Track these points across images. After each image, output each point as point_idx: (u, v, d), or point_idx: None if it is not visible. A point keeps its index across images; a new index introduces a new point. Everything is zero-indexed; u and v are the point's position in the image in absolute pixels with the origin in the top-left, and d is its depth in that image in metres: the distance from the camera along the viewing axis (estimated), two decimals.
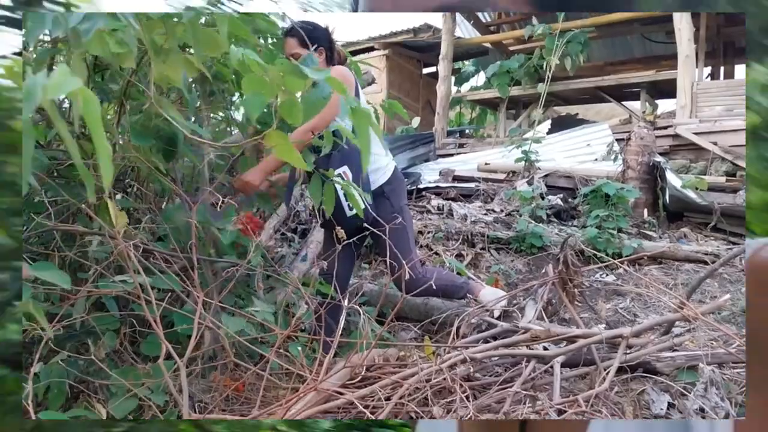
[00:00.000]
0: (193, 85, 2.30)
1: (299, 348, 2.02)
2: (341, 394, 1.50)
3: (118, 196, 2.31)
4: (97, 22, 1.18)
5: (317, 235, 3.69)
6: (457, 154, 7.27)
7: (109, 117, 2.30)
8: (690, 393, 1.84)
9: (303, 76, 1.21)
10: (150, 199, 2.43)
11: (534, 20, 7.46)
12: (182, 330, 1.75)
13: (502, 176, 5.53)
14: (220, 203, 1.86)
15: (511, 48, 9.19)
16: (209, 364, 1.78)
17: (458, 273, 3.20)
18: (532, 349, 2.07)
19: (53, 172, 2.06)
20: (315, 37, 2.44)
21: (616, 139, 5.93)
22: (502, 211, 4.46)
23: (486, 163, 5.87)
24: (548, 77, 5.39)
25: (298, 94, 1.28)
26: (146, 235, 2.16)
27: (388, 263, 1.95)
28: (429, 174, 5.96)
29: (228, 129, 3.84)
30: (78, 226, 1.79)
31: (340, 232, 1.89)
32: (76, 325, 1.67)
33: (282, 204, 3.93)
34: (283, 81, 1.23)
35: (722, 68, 9.03)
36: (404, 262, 2.01)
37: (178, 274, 1.91)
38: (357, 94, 2.41)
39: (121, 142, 2.07)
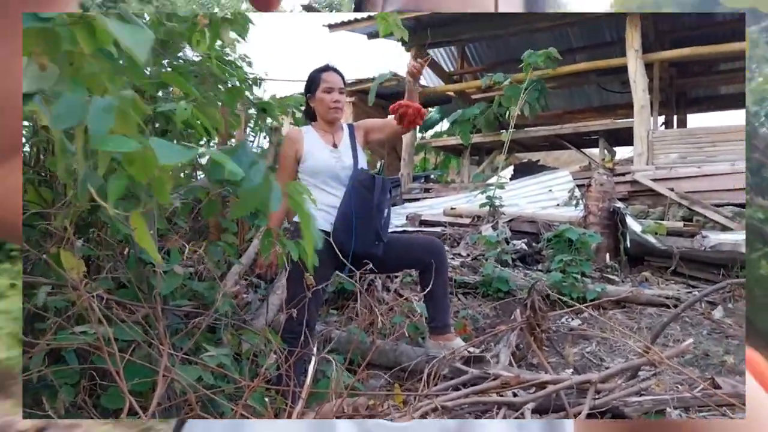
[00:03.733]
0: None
1: (266, 399, 1.97)
2: None
3: (79, 242, 2.25)
4: None
5: (284, 280, 3.64)
6: (423, 198, 7.34)
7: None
8: None
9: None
10: (111, 245, 2.37)
11: (488, 74, 7.70)
12: (140, 382, 1.70)
13: (467, 221, 5.60)
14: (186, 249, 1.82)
15: (474, 96, 9.44)
16: (174, 418, 1.71)
17: (426, 319, 3.18)
18: (502, 395, 2.06)
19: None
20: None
21: (577, 185, 6.08)
22: (468, 255, 4.49)
23: (452, 208, 5.94)
24: (511, 124, 5.54)
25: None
26: (108, 283, 2.10)
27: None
28: (396, 218, 5.99)
29: (192, 174, 3.81)
30: (39, 277, 1.74)
31: (309, 279, 1.87)
32: (33, 378, 1.60)
33: (248, 250, 3.89)
34: (156, 159, 0.97)
35: (675, 117, 9.43)
36: None
37: (139, 323, 1.86)
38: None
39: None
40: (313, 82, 2.60)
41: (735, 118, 11.59)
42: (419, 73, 2.56)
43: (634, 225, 4.48)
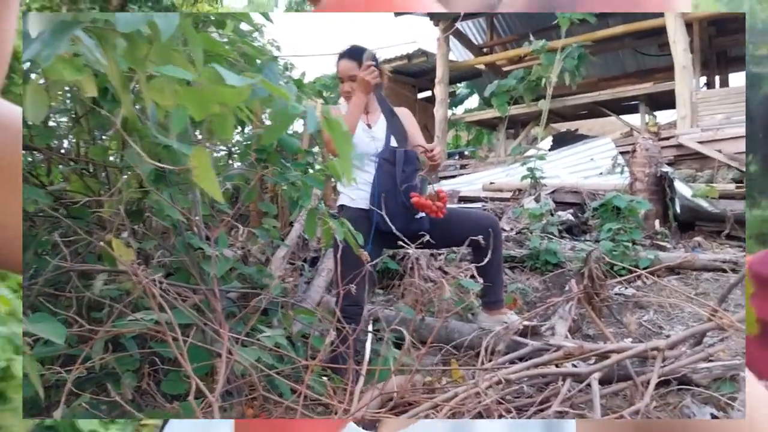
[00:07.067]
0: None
1: (325, 378, 1.95)
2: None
3: (125, 234, 2.26)
4: (57, 45, 0.87)
5: (328, 262, 3.63)
6: (460, 175, 7.25)
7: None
8: (735, 403, 1.77)
9: (220, 78, 0.92)
10: (158, 233, 2.37)
11: (531, 38, 7.48)
12: (201, 365, 1.69)
13: (508, 195, 5.50)
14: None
15: (505, 69, 9.25)
16: (236, 400, 1.71)
17: (474, 294, 3.13)
18: (560, 366, 2.00)
19: (57, 210, 2.01)
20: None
21: (620, 153, 5.92)
22: (512, 229, 4.41)
23: (491, 183, 5.84)
24: (549, 93, 5.39)
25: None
26: (159, 270, 2.10)
27: None
28: None
29: (230, 162, 3.82)
30: (97, 266, 1.74)
31: (365, 255, 1.84)
32: (96, 366, 1.61)
33: (290, 234, 3.89)
34: (218, 93, 0.98)
35: (717, 77, 9.09)
36: None
37: (197, 308, 1.85)
38: None
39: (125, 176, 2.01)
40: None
41: None
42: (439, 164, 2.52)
43: (683, 189, 4.33)
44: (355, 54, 2.51)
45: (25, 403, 1.49)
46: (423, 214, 2.46)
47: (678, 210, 4.39)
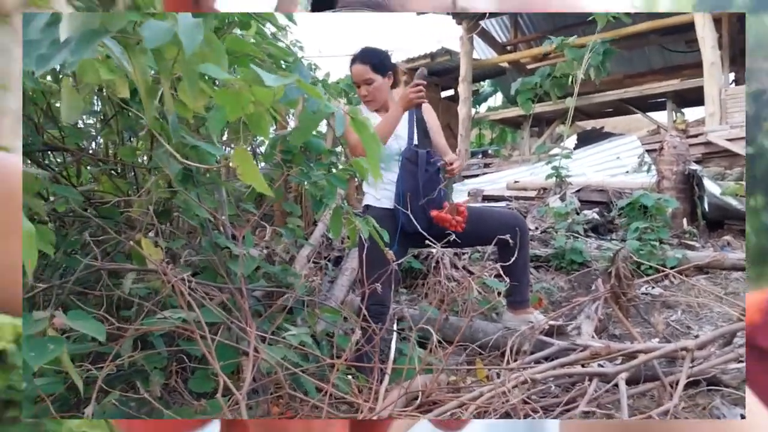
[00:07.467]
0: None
1: (350, 377, 1.96)
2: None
3: (151, 233, 2.29)
4: (86, 50, 0.89)
5: (352, 261, 3.64)
6: (483, 174, 7.21)
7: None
8: None
9: (260, 81, 0.94)
10: (185, 232, 2.40)
11: (551, 37, 7.41)
12: (227, 363, 1.71)
13: (532, 194, 5.46)
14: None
15: (529, 66, 9.18)
16: (262, 398, 1.72)
17: (498, 293, 3.11)
18: (587, 366, 1.98)
19: (86, 210, 2.04)
20: (384, 63, 2.49)
21: (646, 150, 5.84)
22: (537, 228, 4.38)
23: (515, 181, 5.80)
24: (576, 90, 5.34)
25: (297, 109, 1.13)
26: (186, 269, 2.13)
27: None
28: (457, 196, 5.91)
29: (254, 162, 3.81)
30: (126, 265, 1.77)
31: (390, 254, 1.84)
32: (125, 364, 1.63)
33: (314, 233, 3.91)
34: (252, 93, 1.00)
35: (746, 74, 8.89)
36: None
37: (224, 306, 1.87)
38: None
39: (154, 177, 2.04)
40: None
41: None
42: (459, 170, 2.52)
43: (712, 187, 4.26)
44: (367, 57, 2.49)
45: (53, 402, 1.51)
46: None
47: (706, 208, 4.31)
